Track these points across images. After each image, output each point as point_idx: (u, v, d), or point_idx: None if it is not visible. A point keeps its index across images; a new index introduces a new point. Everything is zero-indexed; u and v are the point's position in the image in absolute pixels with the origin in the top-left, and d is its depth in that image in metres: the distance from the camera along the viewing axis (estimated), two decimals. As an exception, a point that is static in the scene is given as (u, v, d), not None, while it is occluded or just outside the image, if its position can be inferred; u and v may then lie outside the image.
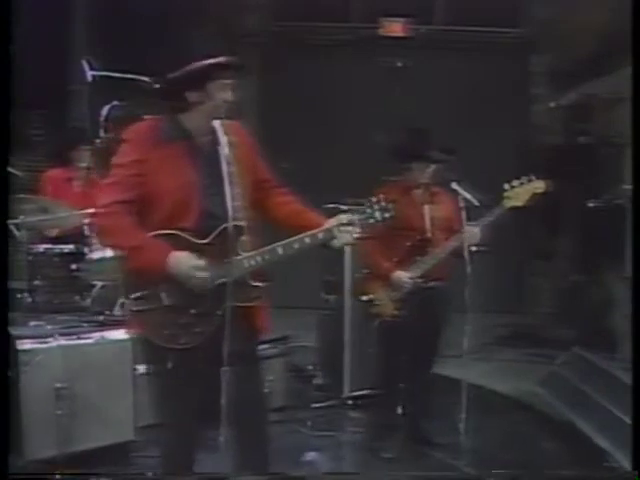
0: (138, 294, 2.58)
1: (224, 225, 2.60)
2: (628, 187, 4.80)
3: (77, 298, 4.29)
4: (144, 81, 4.72)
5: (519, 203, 3.67)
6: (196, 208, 2.60)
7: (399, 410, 4.08)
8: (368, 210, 2.65)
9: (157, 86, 2.65)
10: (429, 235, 3.90)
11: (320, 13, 7.77)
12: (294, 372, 4.95)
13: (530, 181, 3.68)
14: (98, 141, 4.87)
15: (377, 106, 7.55)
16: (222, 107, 2.60)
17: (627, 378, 3.98)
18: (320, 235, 2.63)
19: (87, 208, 4.47)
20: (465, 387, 3.58)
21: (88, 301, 4.28)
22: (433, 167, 3.86)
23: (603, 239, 5.72)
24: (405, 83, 7.62)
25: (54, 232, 4.52)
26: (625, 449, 3.44)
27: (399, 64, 7.78)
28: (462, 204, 3.49)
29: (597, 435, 3.99)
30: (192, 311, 2.58)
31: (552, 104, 6.97)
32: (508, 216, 3.70)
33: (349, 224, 2.63)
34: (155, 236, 2.58)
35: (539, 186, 3.68)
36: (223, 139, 2.60)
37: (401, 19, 7.79)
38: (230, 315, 2.56)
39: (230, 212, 2.59)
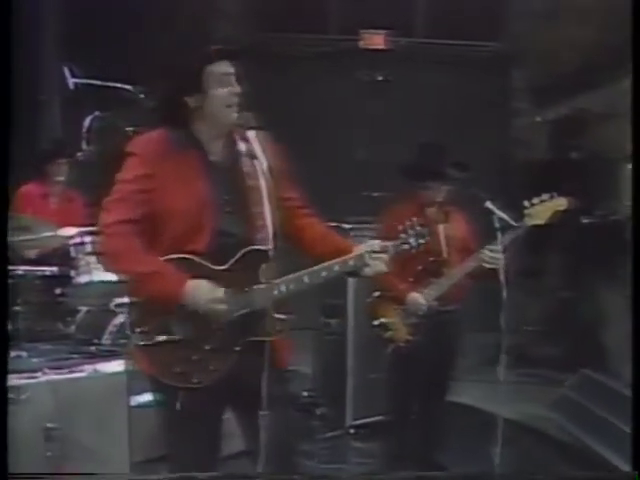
0: (145, 327, 2.29)
1: (245, 249, 2.33)
2: (628, 204, 4.73)
3: (60, 325, 3.95)
4: (127, 90, 4.45)
5: (540, 221, 3.49)
6: (210, 228, 2.33)
7: (410, 439, 3.86)
8: (402, 235, 2.45)
9: (153, 100, 2.39)
10: (445, 256, 3.70)
11: (298, 24, 7.57)
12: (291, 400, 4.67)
13: (552, 198, 3.51)
14: (80, 154, 4.55)
15: (357, 120, 7.39)
16: (226, 109, 2.33)
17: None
18: (351, 262, 2.40)
19: (66, 226, 4.17)
20: (473, 412, 3.43)
21: (72, 328, 3.96)
22: (448, 185, 3.68)
23: (599, 256, 5.64)
24: (385, 96, 7.49)
25: (34, 253, 4.16)
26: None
27: (379, 77, 7.63)
28: (497, 224, 3.30)
29: (615, 457, 3.86)
30: (206, 346, 2.30)
31: (538, 119, 6.90)
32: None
33: (382, 251, 2.41)
34: (167, 261, 2.30)
35: (561, 203, 3.50)
36: (259, 152, 2.31)
37: (382, 31, 7.63)
38: (249, 351, 2.31)
39: (252, 234, 2.32)
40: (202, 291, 2.25)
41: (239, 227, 2.35)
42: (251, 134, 2.35)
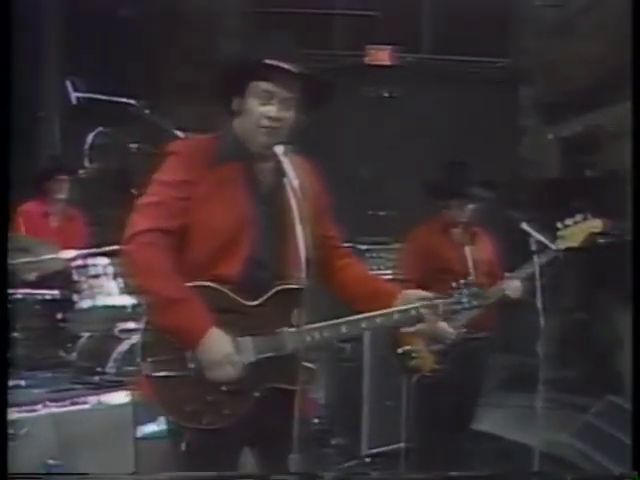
0: (158, 357, 2.09)
1: (282, 287, 2.15)
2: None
3: (61, 352, 3.74)
4: (131, 105, 4.27)
5: (574, 244, 3.32)
6: (244, 254, 2.13)
7: (433, 469, 3.65)
8: (456, 295, 2.32)
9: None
10: (472, 279, 3.50)
11: (302, 40, 7.42)
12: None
13: (585, 219, 3.33)
14: (82, 171, 4.36)
15: (362, 136, 7.23)
16: (257, 129, 2.13)
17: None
18: (395, 316, 2.22)
19: (66, 245, 3.98)
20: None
21: (74, 355, 3.74)
22: (473, 205, 3.50)
23: (617, 277, 5.46)
24: (391, 113, 7.34)
25: (34, 275, 3.95)
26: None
27: (385, 94, 7.49)
28: (534, 247, 3.11)
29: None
30: (223, 388, 2.09)
31: (550, 136, 6.74)
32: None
33: (431, 306, 2.25)
34: (194, 288, 2.09)
35: (596, 225, 3.34)
36: (290, 171, 2.06)
37: (388, 47, 7.49)
38: (269, 397, 2.12)
39: (287, 269, 2.14)
40: (219, 348, 2.06)
41: (274, 259, 2.18)
42: (279, 150, 2.13)
